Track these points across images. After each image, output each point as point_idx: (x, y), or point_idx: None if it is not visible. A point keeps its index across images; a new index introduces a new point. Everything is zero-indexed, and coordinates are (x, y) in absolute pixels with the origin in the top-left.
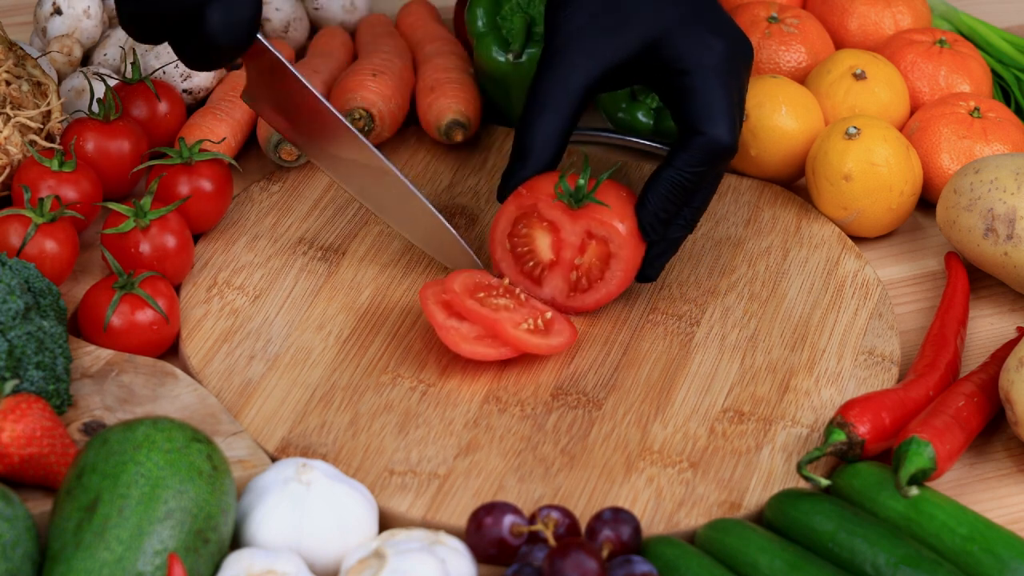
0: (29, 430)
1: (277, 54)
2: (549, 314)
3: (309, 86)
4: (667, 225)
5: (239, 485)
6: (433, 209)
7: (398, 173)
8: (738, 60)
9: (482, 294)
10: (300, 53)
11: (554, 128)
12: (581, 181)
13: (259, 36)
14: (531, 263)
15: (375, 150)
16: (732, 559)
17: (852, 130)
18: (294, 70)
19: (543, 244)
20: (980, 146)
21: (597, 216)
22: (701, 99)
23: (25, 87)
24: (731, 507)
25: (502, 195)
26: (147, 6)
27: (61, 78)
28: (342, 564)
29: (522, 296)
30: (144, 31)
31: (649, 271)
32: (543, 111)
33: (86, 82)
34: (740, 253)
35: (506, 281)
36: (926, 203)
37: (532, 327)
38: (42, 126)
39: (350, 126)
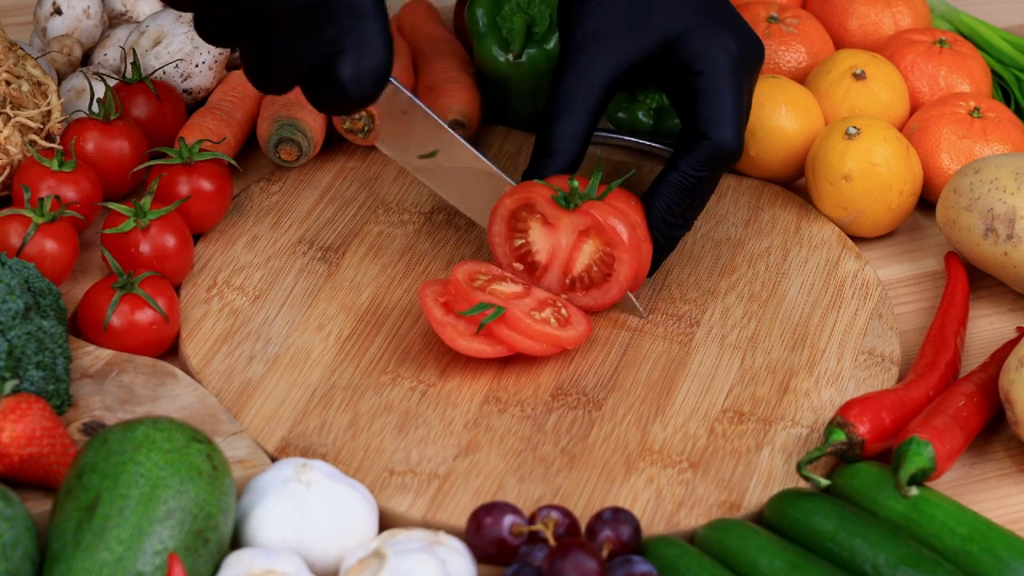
0: (29, 430)
1: (411, 96)
2: (564, 311)
3: (443, 124)
4: (672, 227)
5: (239, 485)
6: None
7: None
8: (749, 62)
9: (483, 278)
10: None
11: (577, 126)
12: (574, 184)
13: (392, 79)
14: (530, 260)
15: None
16: (732, 559)
17: (852, 130)
18: (428, 110)
19: (540, 240)
20: (980, 146)
21: (596, 217)
22: (710, 103)
23: (25, 87)
24: (731, 507)
25: None
26: (275, 65)
27: (61, 78)
28: (342, 564)
29: (535, 291)
30: (273, 85)
31: (648, 269)
32: (566, 109)
33: (86, 82)
34: (740, 253)
35: (519, 267)
36: (926, 203)
37: (550, 317)
38: (42, 126)
39: (492, 166)
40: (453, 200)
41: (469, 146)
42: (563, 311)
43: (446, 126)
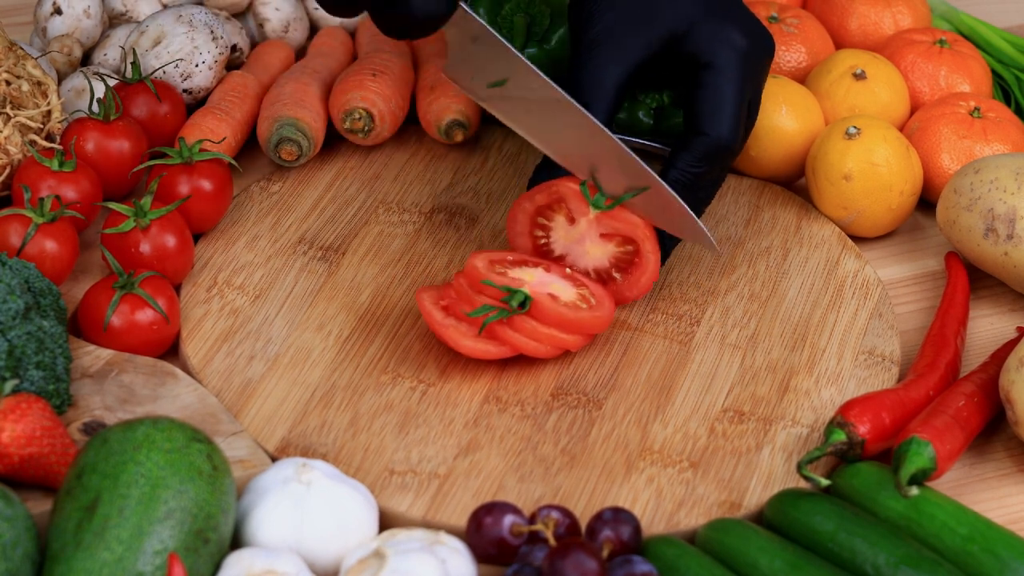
0: (29, 430)
1: (482, 22)
2: (589, 291)
3: (517, 53)
4: None
5: (239, 485)
6: (653, 174)
7: (617, 141)
8: (757, 57)
9: (500, 268)
10: (300, 53)
11: None
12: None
13: (461, 4)
14: (546, 251)
15: (591, 118)
16: (732, 559)
17: (852, 130)
18: (500, 37)
19: (562, 236)
20: (980, 146)
21: (626, 219)
22: (710, 98)
23: (25, 87)
24: (731, 507)
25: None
26: None
27: (61, 78)
28: (342, 564)
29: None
30: (339, 6)
31: None
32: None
33: (86, 82)
34: (740, 253)
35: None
36: (926, 203)
37: (577, 300)
38: (42, 126)
39: (563, 94)
40: (526, 133)
41: (542, 75)
42: (591, 297)
43: (519, 54)
